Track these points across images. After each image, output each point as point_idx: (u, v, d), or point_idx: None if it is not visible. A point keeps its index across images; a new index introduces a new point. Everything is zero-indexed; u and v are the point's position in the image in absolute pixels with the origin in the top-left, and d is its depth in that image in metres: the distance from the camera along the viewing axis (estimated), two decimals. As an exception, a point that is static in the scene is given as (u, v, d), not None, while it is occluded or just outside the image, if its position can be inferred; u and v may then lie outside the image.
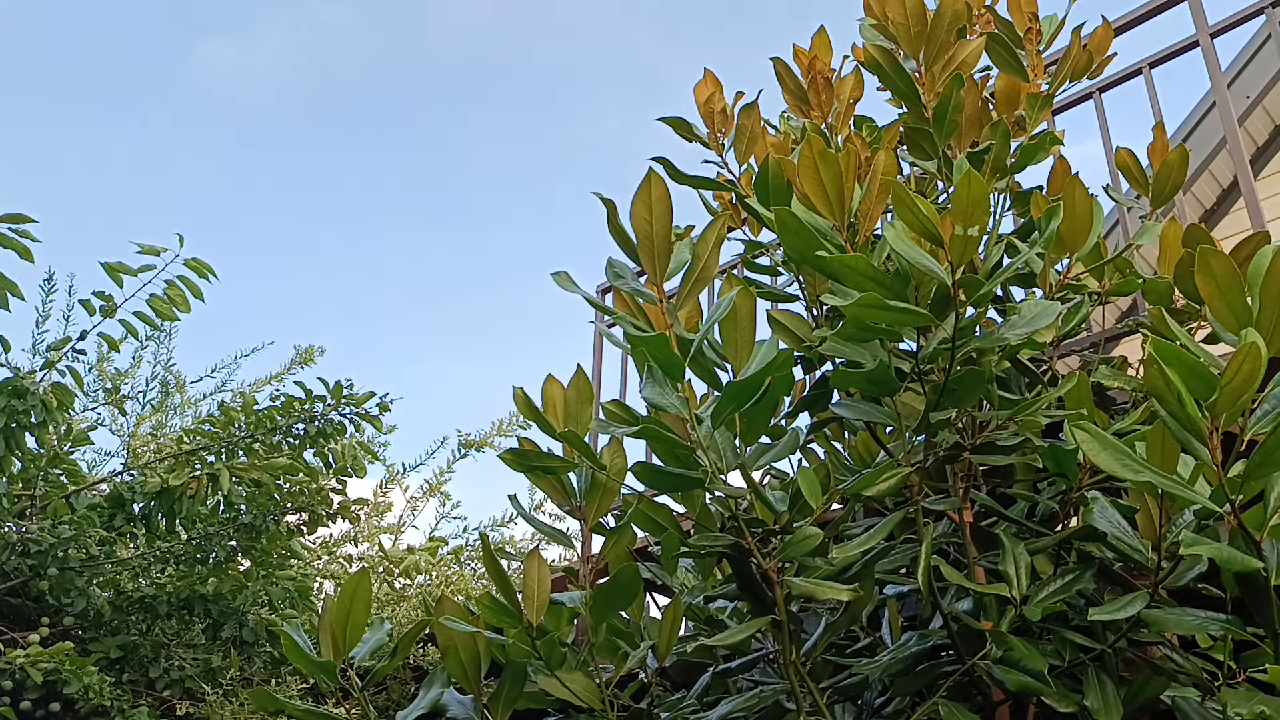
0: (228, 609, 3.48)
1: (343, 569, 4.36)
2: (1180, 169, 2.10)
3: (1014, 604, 1.41)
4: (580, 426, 1.63)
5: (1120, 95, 2.92)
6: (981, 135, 1.92)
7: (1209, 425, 1.16)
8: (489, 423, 5.50)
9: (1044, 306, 1.46)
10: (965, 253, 1.37)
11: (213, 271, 4.06)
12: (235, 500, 3.47)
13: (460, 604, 1.48)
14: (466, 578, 4.28)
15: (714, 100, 2.03)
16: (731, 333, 1.55)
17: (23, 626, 3.20)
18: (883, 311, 1.35)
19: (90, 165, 10.14)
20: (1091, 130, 2.96)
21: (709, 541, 1.40)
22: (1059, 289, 1.75)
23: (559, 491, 1.64)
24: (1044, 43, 2.01)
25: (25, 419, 3.71)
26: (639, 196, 1.55)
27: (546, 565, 1.41)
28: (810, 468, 1.49)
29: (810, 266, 1.56)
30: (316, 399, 3.44)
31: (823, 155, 1.64)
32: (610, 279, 1.63)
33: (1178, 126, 4.26)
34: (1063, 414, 1.50)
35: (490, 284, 11.36)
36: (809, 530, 1.34)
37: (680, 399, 1.49)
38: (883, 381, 1.46)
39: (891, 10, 1.87)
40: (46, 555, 3.19)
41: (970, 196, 1.38)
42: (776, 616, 1.35)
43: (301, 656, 1.32)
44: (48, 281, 5.37)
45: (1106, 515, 1.43)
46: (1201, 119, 4.11)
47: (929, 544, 1.36)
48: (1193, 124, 4.17)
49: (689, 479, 1.42)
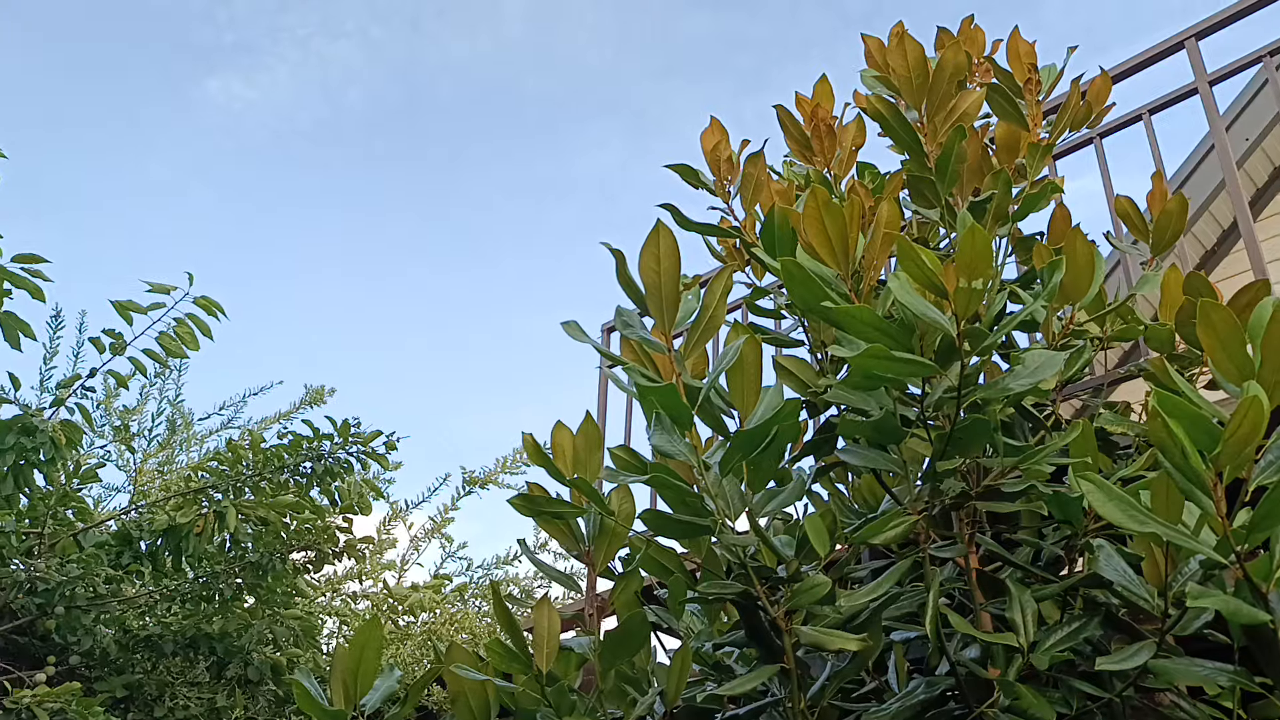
0: (233, 647, 3.48)
1: (347, 606, 4.36)
2: (1180, 217, 2.13)
3: (1021, 652, 1.42)
4: (589, 472, 1.64)
5: (1120, 135, 2.97)
6: (984, 183, 1.96)
7: (1213, 477, 1.17)
8: (492, 459, 5.52)
9: (1048, 356, 1.48)
10: (969, 305, 1.39)
11: (222, 310, 4.10)
12: (241, 538, 3.48)
13: (470, 651, 1.49)
14: (471, 616, 4.28)
15: (720, 148, 2.07)
16: (738, 380, 1.57)
17: (29, 665, 3.20)
18: (889, 362, 1.37)
19: (96, 199, 10.24)
20: (1088, 165, 3.01)
21: (719, 589, 1.42)
22: (1061, 337, 1.77)
23: (567, 536, 1.65)
24: (1043, 92, 2.04)
25: (34, 456, 3.73)
26: (647, 247, 1.57)
27: (556, 613, 1.42)
28: (816, 513, 1.50)
29: (816, 315, 1.58)
30: (324, 437, 3.47)
31: (827, 206, 1.67)
32: (619, 327, 1.65)
33: (1177, 168, 4.31)
34: (1068, 461, 1.52)
35: (491, 315, 11.43)
36: (817, 579, 1.35)
37: (688, 446, 1.51)
38: (889, 430, 1.48)
39: (894, 62, 1.91)
40: (54, 593, 3.20)
41: (975, 250, 1.40)
42: (785, 665, 1.36)
43: (313, 705, 1.32)
44: (55, 319, 5.41)
45: (1113, 563, 1.44)
46: (1201, 161, 4.16)
47: (936, 591, 1.37)
48: (1192, 165, 4.22)
49: (697, 525, 1.44)
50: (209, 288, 4.04)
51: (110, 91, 10.20)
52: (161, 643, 3.41)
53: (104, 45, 9.81)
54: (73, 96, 9.61)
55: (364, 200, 11.18)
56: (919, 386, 1.60)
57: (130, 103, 10.19)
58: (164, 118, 10.38)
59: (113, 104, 10.14)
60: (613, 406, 3.77)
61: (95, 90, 10.01)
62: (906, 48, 1.90)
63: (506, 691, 1.47)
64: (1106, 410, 1.93)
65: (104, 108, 10.04)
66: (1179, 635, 1.40)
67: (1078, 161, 3.13)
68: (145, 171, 10.42)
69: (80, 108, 9.71)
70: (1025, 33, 2.17)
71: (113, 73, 10.09)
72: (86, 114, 9.78)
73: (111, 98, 10.08)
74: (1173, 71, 2.96)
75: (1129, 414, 1.97)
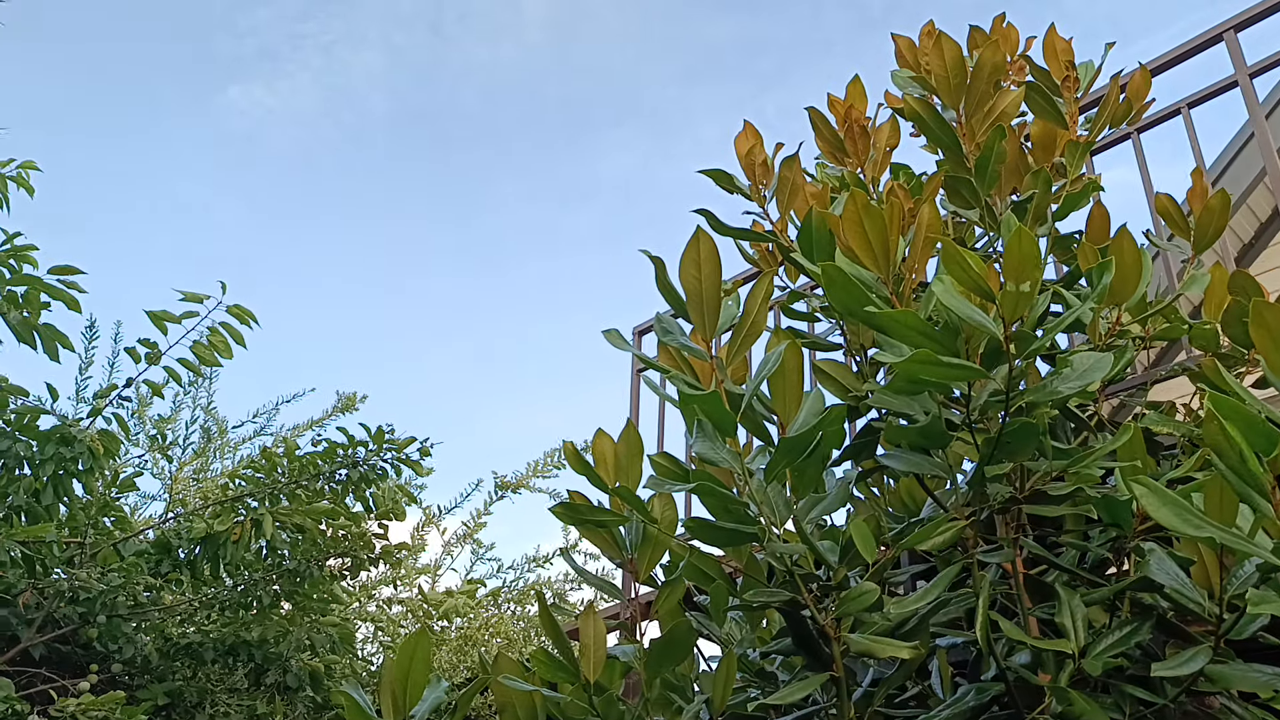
0: (271, 654, 3.51)
1: (382, 612, 4.39)
2: (1222, 214, 2.10)
3: (1073, 657, 1.40)
4: (631, 480, 1.64)
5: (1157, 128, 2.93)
6: (1023, 183, 1.94)
7: (1270, 479, 1.16)
8: (520, 462, 5.54)
9: (1095, 358, 1.47)
10: (1017, 308, 1.38)
11: (254, 318, 4.13)
12: (278, 545, 3.51)
13: (516, 660, 1.49)
14: (506, 620, 4.29)
15: (755, 152, 2.06)
16: (780, 386, 1.57)
17: (72, 673, 3.24)
18: (937, 367, 1.36)
19: (117, 208, 10.36)
20: (1118, 158, 2.98)
21: (766, 597, 1.41)
22: (1108, 338, 1.75)
23: (610, 544, 1.65)
24: (1081, 90, 2.02)
25: (72, 466, 3.78)
26: (688, 254, 1.57)
27: (602, 622, 1.42)
28: (861, 518, 1.49)
29: (859, 321, 1.57)
30: (359, 444, 3.49)
31: (867, 209, 1.65)
32: (659, 334, 1.65)
33: (1213, 160, 4.24)
34: (1115, 464, 1.50)
35: (516, 318, 11.47)
36: (865, 586, 1.34)
37: (730, 453, 1.51)
38: (935, 435, 1.46)
39: (932, 62, 1.90)
40: (95, 602, 3.24)
41: (1022, 253, 1.39)
42: (834, 672, 1.35)
43: (362, 716, 1.33)
44: (90, 329, 5.47)
45: (1164, 567, 1.43)
46: (1238, 153, 4.09)
47: (986, 598, 1.36)
48: (1230, 156, 4.15)
49: (742, 534, 1.43)
50: (231, 293, 4.08)
51: (131, 100, 10.32)
52: (202, 650, 3.44)
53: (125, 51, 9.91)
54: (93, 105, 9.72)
55: (385, 206, 11.26)
56: (961, 390, 1.59)
57: (151, 110, 10.31)
58: (185, 125, 10.49)
59: (134, 112, 10.25)
60: (645, 410, 3.76)
61: (116, 98, 10.13)
62: (944, 47, 1.89)
63: (553, 701, 1.47)
64: (1150, 410, 1.90)
65: (125, 116, 10.16)
66: (1231, 639, 1.38)
67: (1109, 153, 3.09)
68: (166, 180, 10.54)
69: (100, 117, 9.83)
70: (1047, 25, 2.15)
71: (134, 81, 10.20)
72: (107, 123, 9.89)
73: (132, 106, 10.19)
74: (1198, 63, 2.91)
75: (1173, 414, 1.95)
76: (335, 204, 11.41)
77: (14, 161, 4.20)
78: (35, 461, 3.66)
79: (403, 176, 11.50)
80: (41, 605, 3.25)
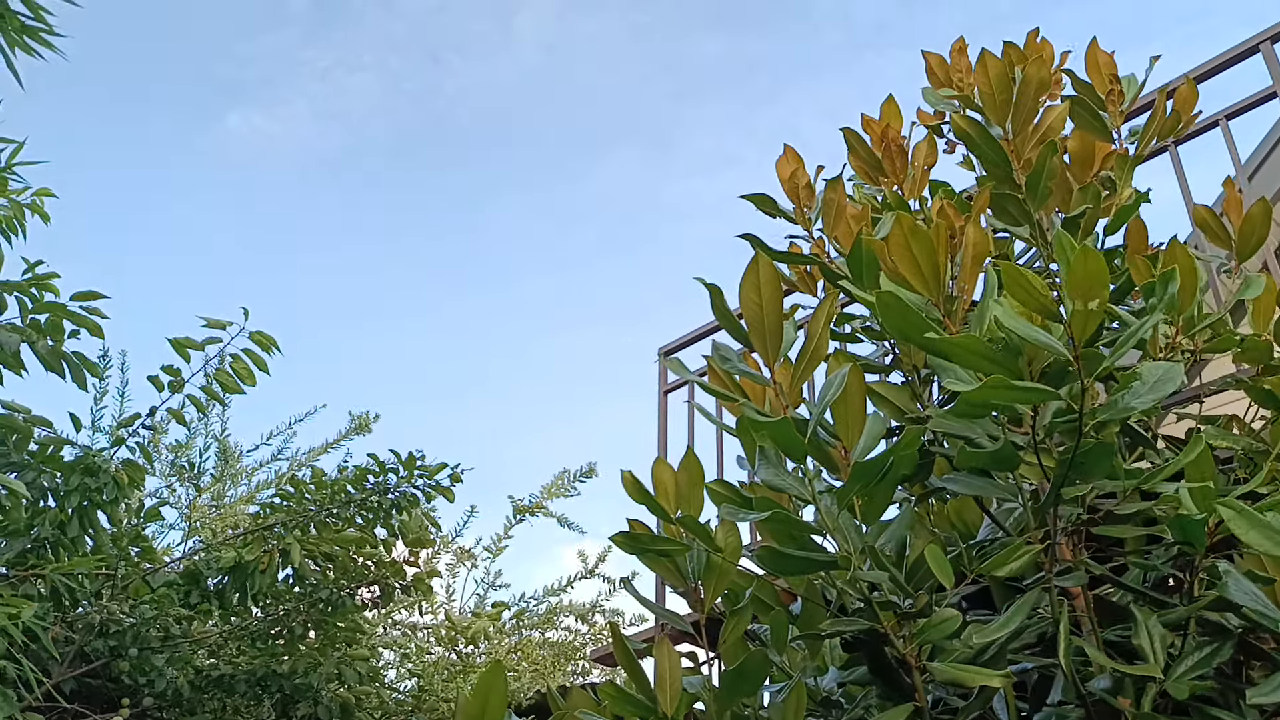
0: (300, 685, 3.48)
1: (408, 639, 4.36)
2: (1264, 222, 2.09)
3: (1155, 681, 1.38)
4: (692, 509, 1.63)
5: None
6: (1071, 199, 1.93)
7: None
8: (526, 482, 5.51)
9: (1164, 369, 1.45)
10: (1087, 327, 1.37)
11: (276, 344, 4.12)
12: (306, 574, 3.48)
13: (587, 693, 1.47)
14: (533, 643, 4.26)
15: (798, 175, 2.06)
16: (843, 410, 1.55)
17: (103, 708, 3.21)
18: (1009, 391, 1.34)
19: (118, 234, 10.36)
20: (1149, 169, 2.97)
21: (844, 626, 1.39)
22: (1170, 350, 1.74)
23: (674, 574, 1.63)
24: (1126, 103, 2.02)
25: (98, 497, 3.75)
26: (747, 278, 1.56)
27: (677, 654, 1.40)
28: (933, 543, 1.48)
29: (917, 346, 1.56)
30: (389, 470, 3.46)
31: (914, 231, 1.64)
32: (717, 361, 1.64)
33: (1248, 157, 4.20)
34: (1184, 485, 1.48)
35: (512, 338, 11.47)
36: (946, 613, 1.32)
37: (797, 480, 1.49)
38: (1007, 459, 1.45)
39: (977, 80, 1.89)
40: (126, 635, 3.21)
41: (1088, 271, 1.38)
42: (917, 702, 1.33)
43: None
44: (104, 357, 5.45)
45: (1242, 587, 1.41)
46: (1269, 154, 4.08)
47: (1066, 623, 1.34)
48: (1260, 158, 4.13)
49: (815, 561, 1.41)
50: (234, 318, 4.05)
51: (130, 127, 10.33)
52: (234, 682, 3.41)
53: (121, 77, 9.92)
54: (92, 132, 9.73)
55: (384, 229, 11.27)
56: (1025, 411, 1.57)
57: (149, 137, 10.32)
58: (184, 153, 10.50)
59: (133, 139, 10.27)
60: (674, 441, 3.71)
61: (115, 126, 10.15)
62: (988, 64, 1.88)
63: (628, 735, 1.45)
64: (1208, 425, 1.89)
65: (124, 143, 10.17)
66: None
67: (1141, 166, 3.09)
68: (167, 206, 10.54)
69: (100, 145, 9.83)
70: (1041, 34, 2.16)
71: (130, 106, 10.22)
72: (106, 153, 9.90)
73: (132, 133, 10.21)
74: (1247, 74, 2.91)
75: (1231, 428, 1.93)
76: (331, 228, 11.44)
77: (30, 189, 4.19)
78: (60, 493, 3.64)
79: (399, 199, 11.51)
80: (71, 640, 3.23)
